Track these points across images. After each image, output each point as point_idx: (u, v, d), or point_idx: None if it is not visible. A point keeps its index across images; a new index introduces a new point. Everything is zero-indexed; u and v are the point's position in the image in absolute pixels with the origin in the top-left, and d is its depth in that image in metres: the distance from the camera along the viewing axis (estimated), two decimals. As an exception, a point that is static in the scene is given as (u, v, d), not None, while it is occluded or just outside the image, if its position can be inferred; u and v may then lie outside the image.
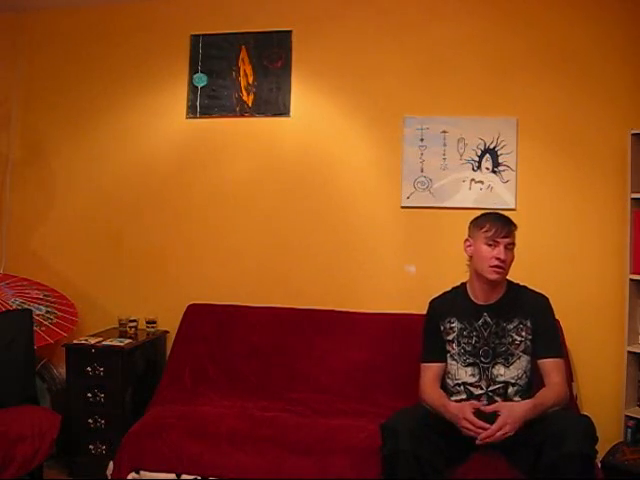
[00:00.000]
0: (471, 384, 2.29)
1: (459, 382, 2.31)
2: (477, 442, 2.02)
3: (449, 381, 2.34)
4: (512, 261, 2.28)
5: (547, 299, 2.33)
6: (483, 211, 2.40)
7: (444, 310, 2.39)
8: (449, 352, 2.35)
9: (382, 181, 3.17)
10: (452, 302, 2.39)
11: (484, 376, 2.27)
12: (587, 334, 2.90)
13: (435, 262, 3.09)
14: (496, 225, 2.25)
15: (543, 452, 1.93)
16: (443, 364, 2.36)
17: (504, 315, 2.29)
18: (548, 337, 2.27)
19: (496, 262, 2.23)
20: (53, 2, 3.45)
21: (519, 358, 2.26)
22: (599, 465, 2.26)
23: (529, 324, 2.28)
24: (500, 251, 2.22)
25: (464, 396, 2.28)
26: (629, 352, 2.73)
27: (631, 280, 2.74)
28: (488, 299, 2.32)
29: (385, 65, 3.17)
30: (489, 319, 2.30)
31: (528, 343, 2.27)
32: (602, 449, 2.33)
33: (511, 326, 2.28)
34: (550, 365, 2.22)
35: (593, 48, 2.97)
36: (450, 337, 2.35)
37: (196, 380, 2.94)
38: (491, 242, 2.24)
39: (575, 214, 2.98)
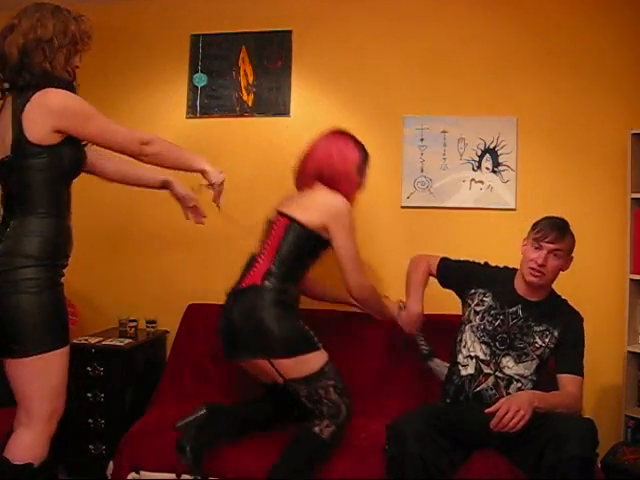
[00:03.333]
0: (482, 360, 2.30)
1: (472, 355, 2.32)
2: (491, 425, 1.97)
3: (463, 351, 2.35)
4: (558, 269, 2.29)
5: (582, 318, 2.35)
6: (483, 211, 2.42)
7: (485, 280, 2.42)
8: (470, 322, 2.36)
9: (382, 181, 3.17)
10: (495, 278, 2.42)
11: (493, 360, 2.29)
12: (587, 334, 2.88)
13: (435, 262, 3.08)
14: (545, 229, 2.27)
15: (544, 454, 1.94)
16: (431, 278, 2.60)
17: (536, 315, 2.31)
18: (574, 355, 2.27)
19: (533, 265, 2.25)
20: (52, 2, 3.44)
21: (532, 360, 2.28)
22: (599, 465, 2.27)
23: (556, 334, 2.29)
24: (540, 255, 2.24)
25: (472, 371, 2.30)
26: (629, 352, 2.73)
27: (631, 280, 2.74)
28: (529, 296, 2.34)
29: (385, 65, 3.17)
30: (521, 312, 2.31)
31: (547, 351, 2.29)
32: (602, 449, 2.32)
33: (538, 329, 2.29)
34: (568, 379, 2.22)
35: (593, 48, 2.97)
36: (478, 308, 2.36)
37: (196, 380, 2.93)
38: (536, 245, 2.27)
39: (575, 214, 2.94)
